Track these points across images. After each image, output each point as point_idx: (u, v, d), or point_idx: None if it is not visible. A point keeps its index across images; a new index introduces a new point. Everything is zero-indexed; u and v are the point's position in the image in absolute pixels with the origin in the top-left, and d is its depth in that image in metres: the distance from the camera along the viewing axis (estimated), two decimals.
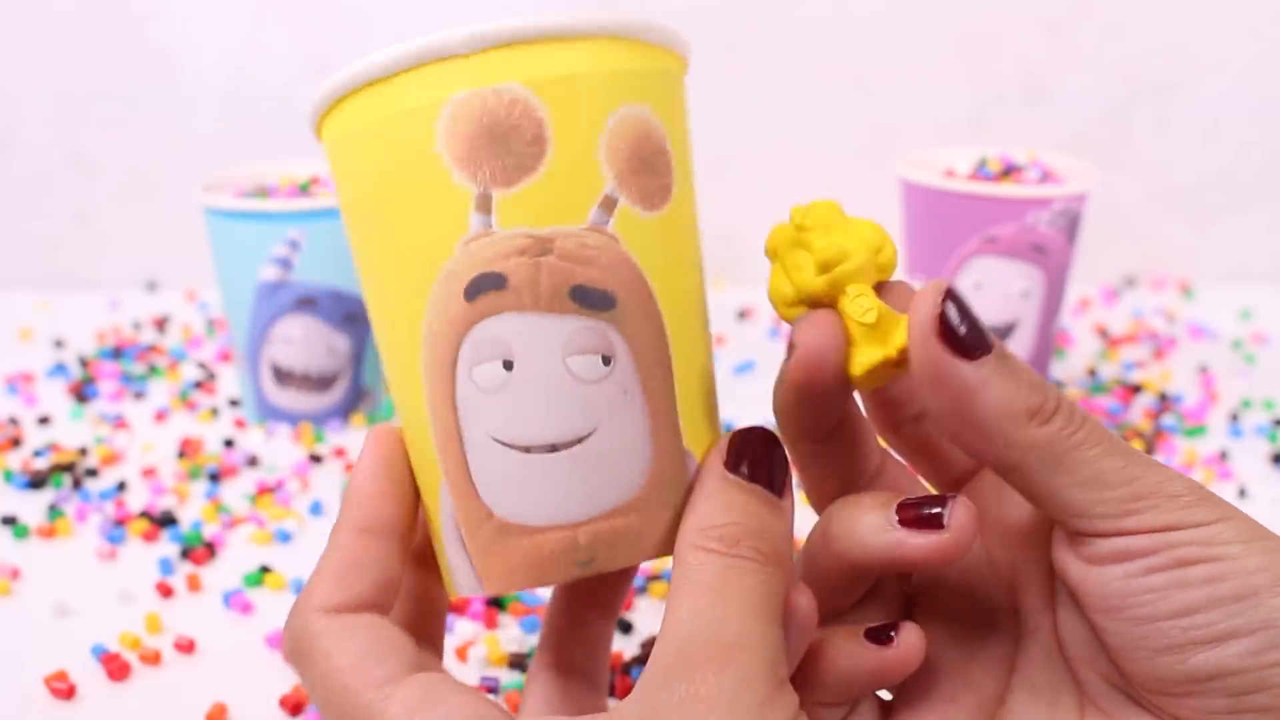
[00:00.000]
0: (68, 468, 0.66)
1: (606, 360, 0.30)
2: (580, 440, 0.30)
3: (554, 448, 0.30)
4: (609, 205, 0.30)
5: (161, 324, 0.90)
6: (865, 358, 0.31)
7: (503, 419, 0.30)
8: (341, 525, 0.32)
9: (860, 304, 0.31)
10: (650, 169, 0.31)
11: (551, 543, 0.31)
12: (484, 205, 0.29)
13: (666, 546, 0.31)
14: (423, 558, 0.35)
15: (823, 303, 0.32)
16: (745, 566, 0.29)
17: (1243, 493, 0.64)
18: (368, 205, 0.31)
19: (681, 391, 0.31)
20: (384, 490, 0.33)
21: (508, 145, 0.29)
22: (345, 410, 0.73)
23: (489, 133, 0.29)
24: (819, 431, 0.33)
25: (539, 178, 0.29)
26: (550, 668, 0.36)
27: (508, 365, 0.30)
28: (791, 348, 0.32)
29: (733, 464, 0.31)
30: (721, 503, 0.30)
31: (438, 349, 0.30)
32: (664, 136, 0.31)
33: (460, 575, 0.32)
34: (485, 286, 0.30)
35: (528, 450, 0.30)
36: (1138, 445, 0.69)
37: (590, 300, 0.30)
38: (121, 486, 0.64)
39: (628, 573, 0.37)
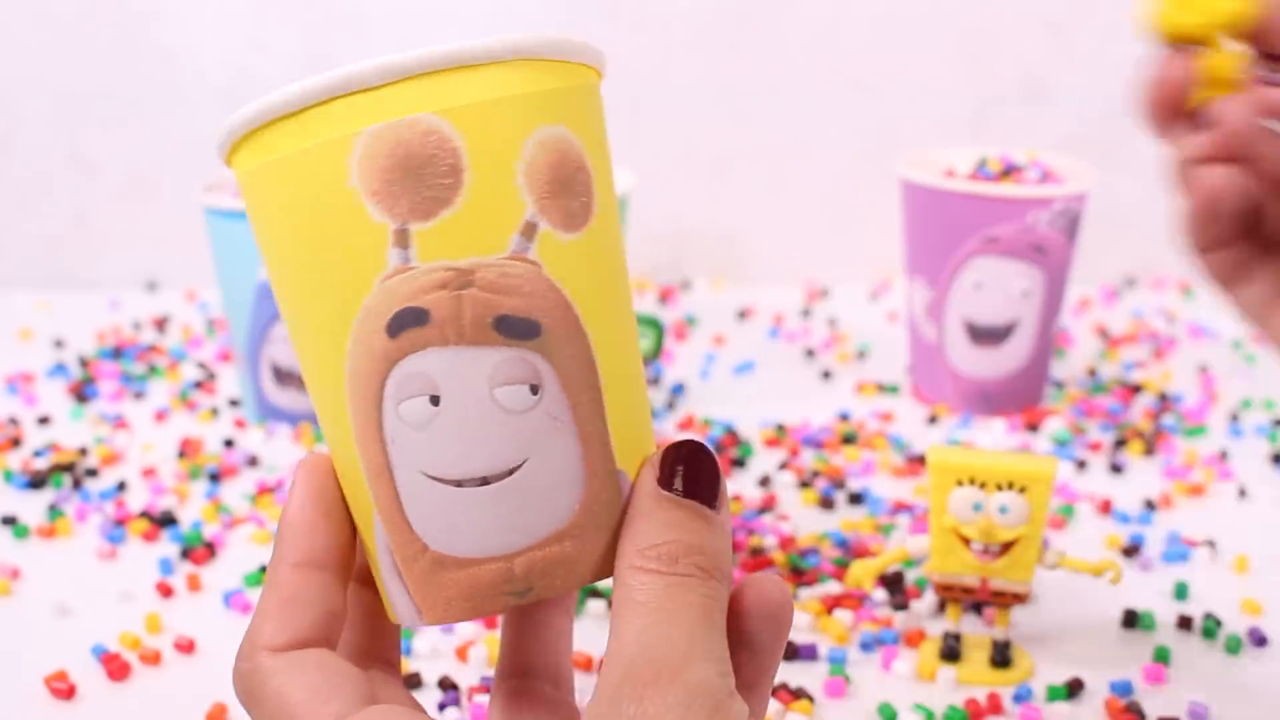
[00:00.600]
0: (68, 468, 0.66)
1: (534, 389, 0.30)
2: (511, 471, 0.30)
3: (485, 480, 0.30)
4: (530, 231, 0.29)
5: (161, 324, 0.90)
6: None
7: (432, 454, 0.30)
8: (277, 561, 0.32)
9: None
10: (570, 189, 0.30)
11: (487, 574, 0.30)
12: (402, 240, 0.29)
13: (604, 569, 0.31)
14: (367, 579, 0.35)
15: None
16: (687, 584, 0.29)
17: (1243, 493, 0.64)
18: (283, 240, 0.30)
19: (612, 411, 0.31)
20: (317, 522, 0.32)
21: (423, 178, 0.28)
22: None
23: (403, 166, 0.28)
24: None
25: (457, 209, 0.29)
26: (512, 674, 0.36)
27: (434, 400, 0.29)
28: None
29: (666, 480, 0.31)
30: (658, 521, 0.30)
31: (362, 386, 0.30)
32: (582, 153, 0.31)
33: (399, 605, 0.32)
34: (407, 322, 0.29)
35: (459, 484, 0.30)
36: (1138, 445, 0.69)
37: (515, 330, 0.29)
38: (121, 486, 0.64)
39: None
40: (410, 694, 0.34)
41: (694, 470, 0.31)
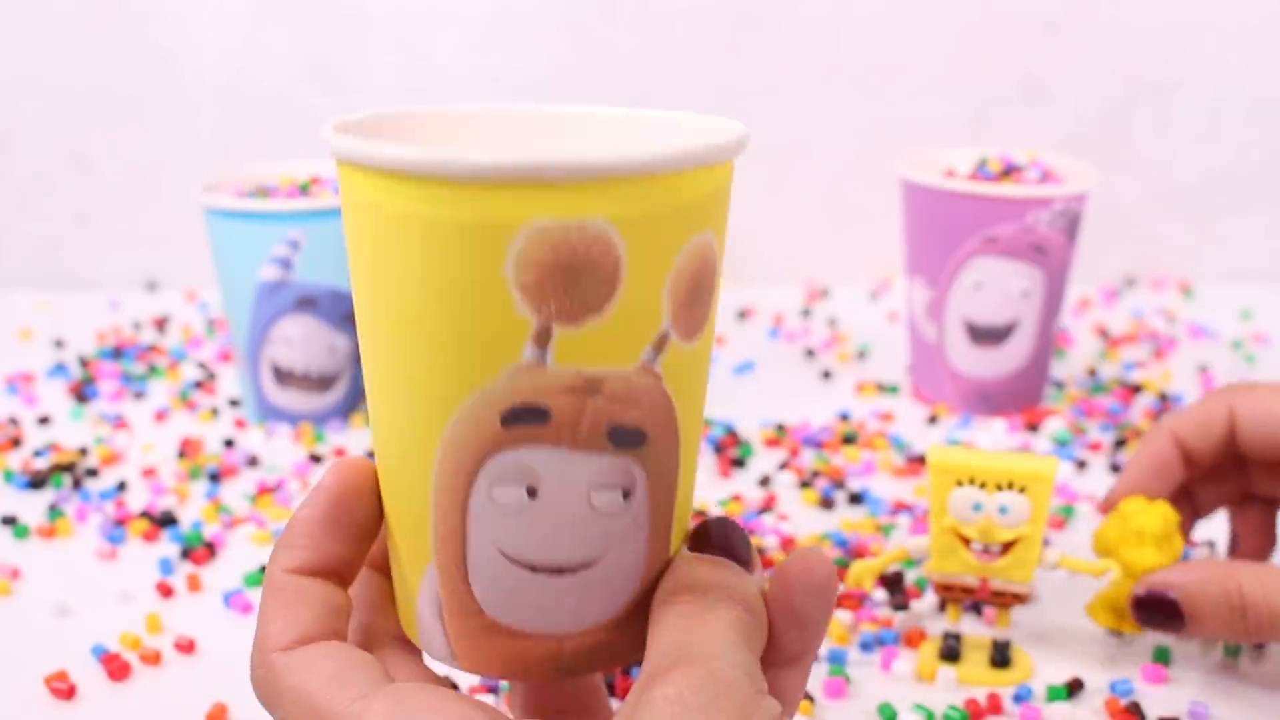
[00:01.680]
0: (68, 468, 0.66)
1: (627, 494, 0.30)
2: (586, 566, 0.31)
3: (560, 571, 0.30)
4: (661, 343, 0.29)
5: (161, 324, 0.90)
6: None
7: (515, 538, 0.30)
8: (275, 566, 0.32)
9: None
10: (700, 298, 0.30)
11: (536, 649, 0.31)
12: (542, 339, 0.28)
13: (641, 652, 0.32)
14: (380, 566, 0.35)
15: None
16: (718, 606, 0.30)
17: None
18: (405, 292, 0.29)
19: (678, 507, 0.32)
20: (321, 539, 0.32)
21: (580, 283, 0.27)
22: (345, 410, 0.73)
23: (564, 268, 0.27)
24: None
25: (603, 318, 0.28)
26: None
27: (531, 492, 0.29)
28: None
29: (698, 547, 0.32)
30: (689, 566, 0.31)
31: (457, 458, 0.29)
32: (716, 258, 0.30)
33: (433, 642, 0.32)
34: (526, 419, 0.29)
35: (533, 569, 0.30)
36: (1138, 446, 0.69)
37: (625, 440, 0.29)
38: (121, 486, 0.64)
39: None
40: (426, 666, 0.35)
41: (722, 537, 0.32)
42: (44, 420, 0.73)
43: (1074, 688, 0.48)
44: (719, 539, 0.32)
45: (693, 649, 0.29)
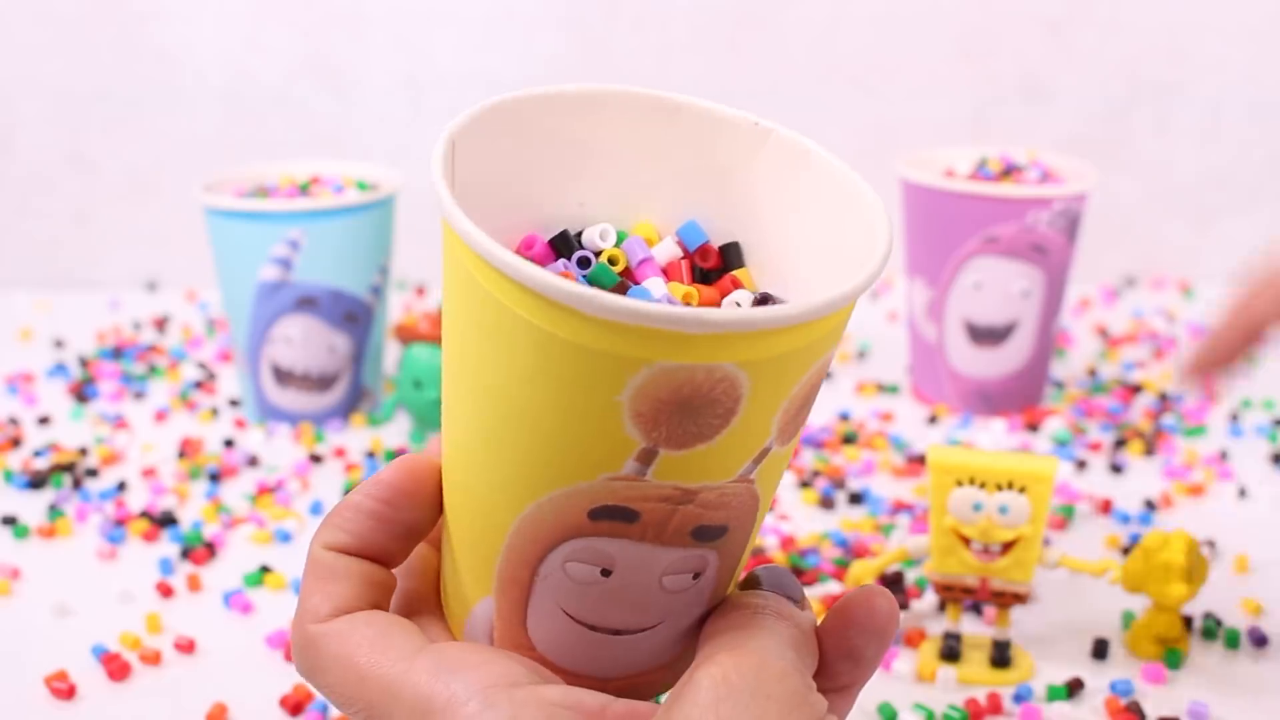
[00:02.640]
0: (68, 468, 0.66)
1: (697, 575, 0.30)
2: (645, 629, 0.31)
3: (619, 632, 0.31)
4: (762, 456, 0.29)
5: (161, 324, 0.90)
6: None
7: (581, 606, 0.30)
8: (316, 543, 0.32)
9: None
10: (805, 410, 0.30)
11: (581, 685, 0.31)
12: (646, 458, 0.28)
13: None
14: (435, 543, 0.35)
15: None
16: (767, 618, 0.30)
17: (1243, 493, 0.64)
18: (518, 384, 0.28)
19: (740, 568, 0.32)
20: (365, 531, 0.32)
21: (696, 418, 0.27)
22: (345, 410, 0.73)
23: (683, 404, 0.27)
24: None
25: (711, 445, 0.28)
26: None
27: (605, 573, 0.30)
28: None
29: (753, 588, 0.32)
30: (740, 597, 0.32)
31: (537, 532, 0.29)
32: (825, 370, 0.30)
33: None
34: (615, 516, 0.29)
35: (593, 628, 0.31)
36: (1138, 445, 0.69)
37: (706, 536, 0.30)
38: (121, 486, 0.64)
39: None
40: None
41: (776, 578, 0.32)
42: (44, 420, 0.73)
43: (1074, 688, 0.48)
44: (770, 582, 0.32)
45: (742, 642, 0.29)
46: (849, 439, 0.71)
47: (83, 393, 0.76)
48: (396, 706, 0.29)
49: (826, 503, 0.63)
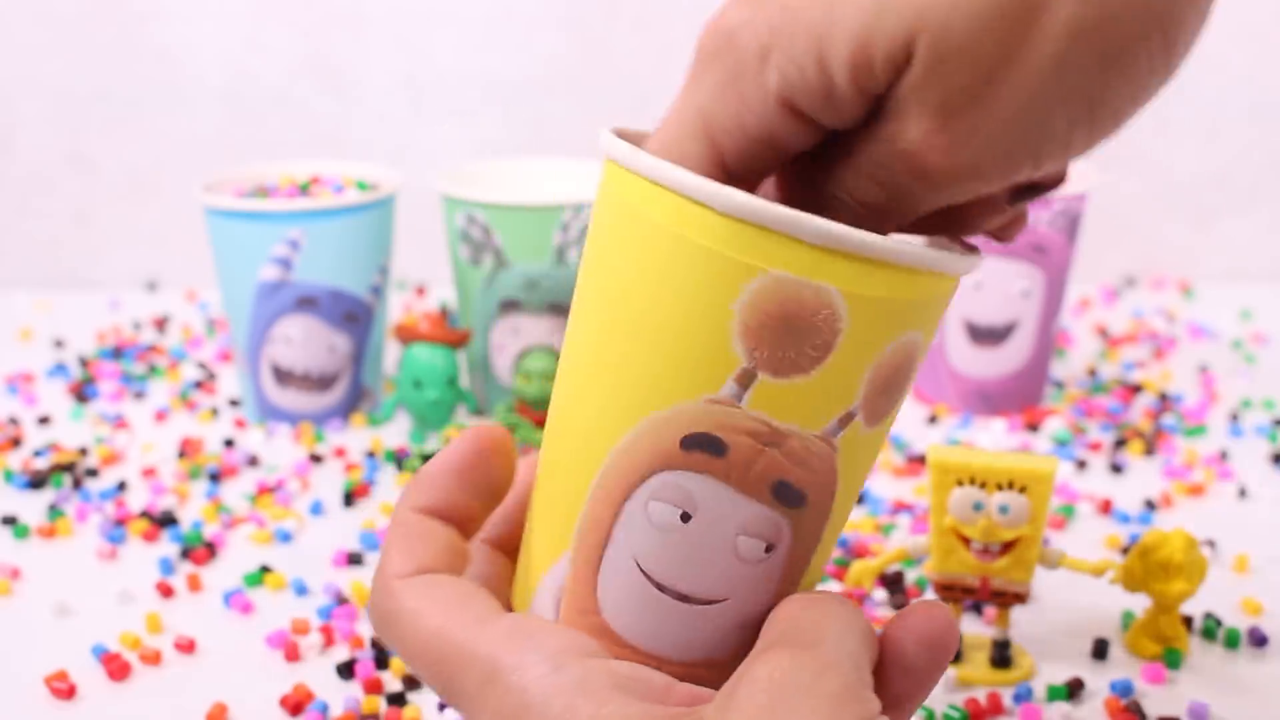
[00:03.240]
0: (68, 468, 0.66)
1: (770, 548, 0.31)
2: (711, 602, 0.31)
3: (686, 599, 0.31)
4: (847, 420, 0.30)
5: (161, 324, 0.90)
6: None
7: (654, 555, 0.31)
8: (402, 505, 0.34)
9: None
10: (894, 391, 0.31)
11: (638, 662, 0.32)
12: (745, 380, 0.29)
13: None
14: (503, 547, 0.36)
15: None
16: (832, 602, 0.31)
17: (1243, 493, 0.64)
18: (638, 296, 0.30)
19: (810, 572, 0.33)
20: (450, 486, 0.34)
21: (798, 342, 0.29)
22: (345, 410, 0.73)
23: (788, 322, 0.28)
24: None
25: (806, 380, 0.29)
26: None
27: (685, 517, 0.30)
28: None
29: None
30: (802, 593, 0.32)
31: (628, 465, 0.31)
32: (919, 356, 0.31)
33: None
34: (706, 447, 0.30)
35: (661, 588, 0.31)
36: (1138, 445, 0.69)
37: (785, 497, 0.30)
38: (121, 486, 0.64)
39: None
40: None
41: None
42: (44, 420, 0.73)
43: (1074, 688, 0.48)
44: None
45: (800, 632, 0.29)
46: None
47: (83, 393, 0.76)
48: (466, 666, 0.30)
49: None
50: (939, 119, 0.27)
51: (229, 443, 0.70)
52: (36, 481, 0.64)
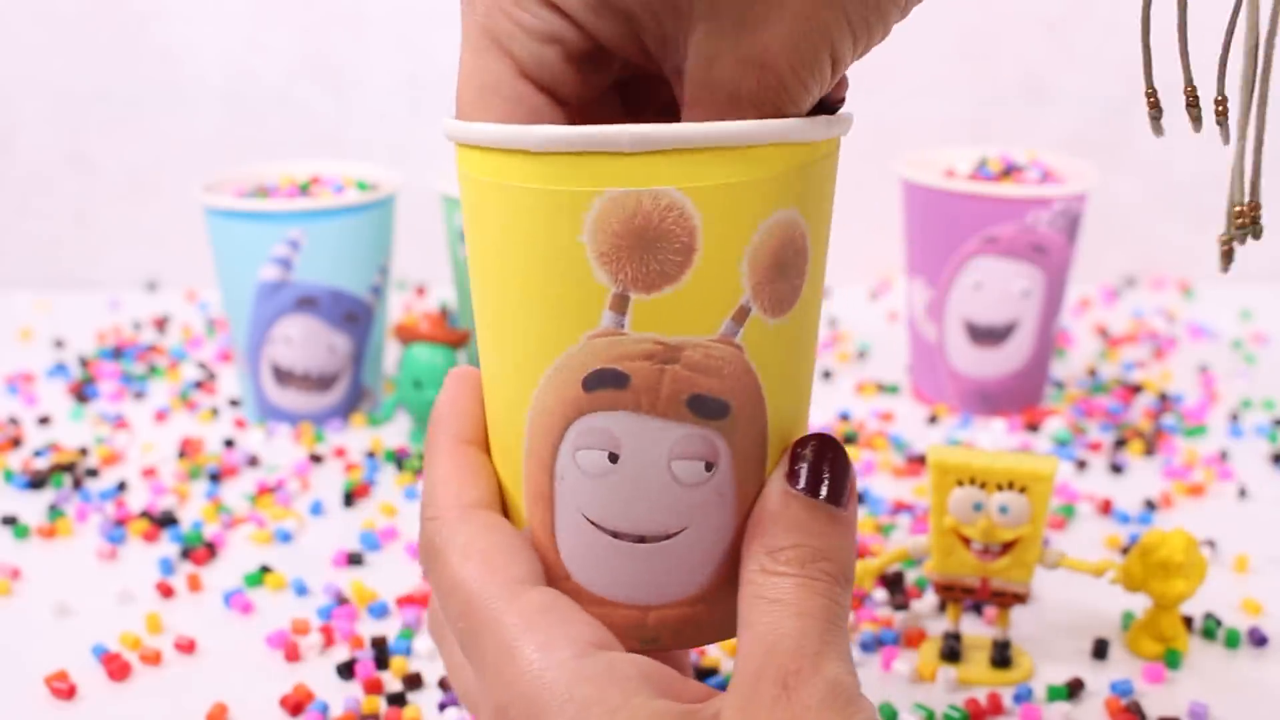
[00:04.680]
0: (68, 468, 0.66)
1: (709, 466, 0.30)
2: (668, 536, 0.31)
3: (642, 539, 0.31)
4: (741, 316, 0.29)
5: (161, 324, 0.90)
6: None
7: (598, 504, 0.31)
8: (438, 438, 0.33)
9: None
10: (785, 274, 0.30)
11: (620, 617, 0.32)
12: (619, 305, 0.29)
13: (728, 631, 0.32)
14: None
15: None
16: (815, 586, 0.30)
17: (1243, 493, 0.64)
18: (498, 258, 0.30)
19: (770, 475, 0.32)
20: (470, 408, 0.33)
21: (654, 251, 0.28)
22: (345, 410, 0.73)
23: (637, 235, 0.28)
24: None
25: (679, 287, 0.29)
26: None
27: (613, 458, 0.30)
28: None
29: (793, 476, 0.31)
30: (785, 522, 0.31)
31: (545, 423, 0.30)
32: (805, 235, 0.30)
33: None
34: (606, 383, 0.29)
35: (615, 535, 0.31)
36: (1138, 445, 0.69)
37: (706, 410, 0.30)
38: (122, 486, 0.64)
39: None
40: None
41: (822, 468, 0.31)
42: (44, 420, 0.73)
43: (1074, 688, 0.48)
44: (814, 472, 0.31)
45: (802, 647, 0.29)
46: (849, 439, 0.71)
47: (83, 393, 0.76)
48: (488, 630, 0.30)
49: None
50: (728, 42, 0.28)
51: (229, 443, 0.70)
52: (36, 481, 0.64)
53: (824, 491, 0.31)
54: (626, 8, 0.29)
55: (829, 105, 0.31)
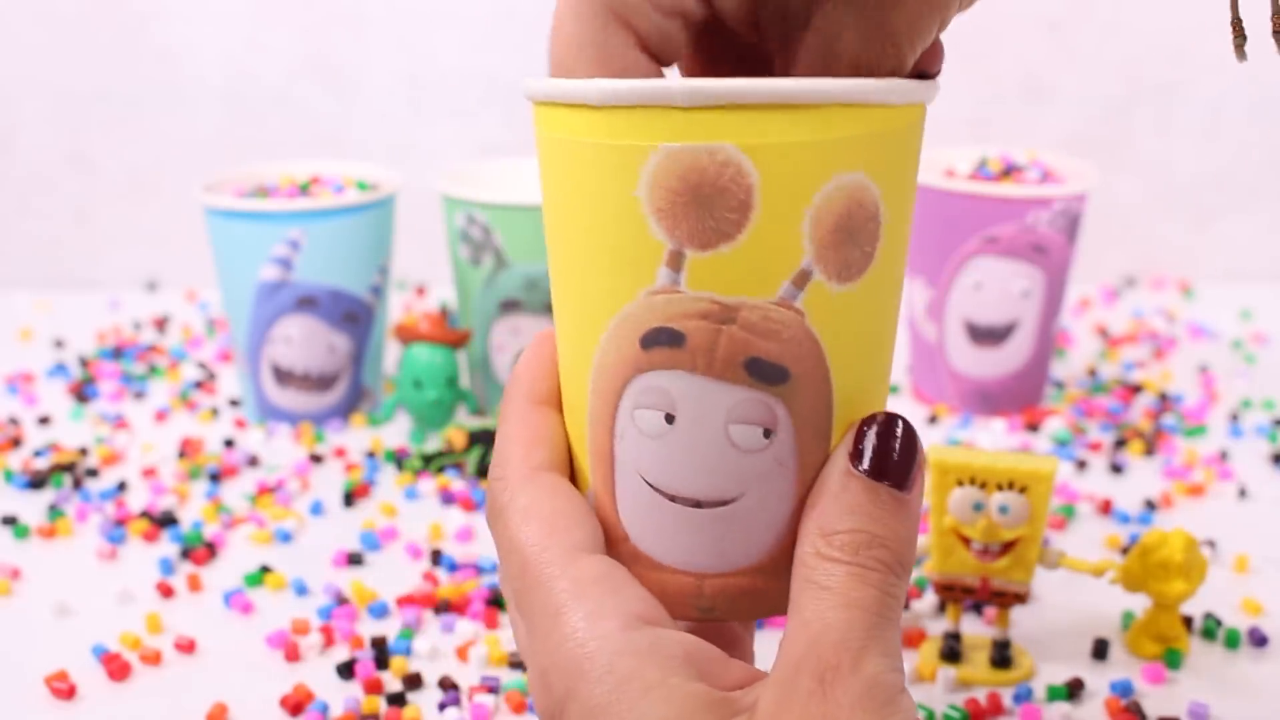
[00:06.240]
0: (68, 468, 0.66)
1: (768, 433, 0.30)
2: (725, 503, 0.30)
3: (698, 504, 0.30)
4: (802, 280, 0.29)
5: (161, 324, 0.90)
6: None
7: (655, 464, 0.30)
8: (513, 399, 0.34)
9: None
10: (854, 240, 0.29)
11: (676, 584, 0.31)
12: (675, 262, 0.29)
13: (787, 605, 0.31)
14: None
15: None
16: (868, 576, 0.29)
17: (1243, 493, 0.64)
18: (564, 214, 0.30)
19: (835, 449, 0.31)
20: (550, 371, 0.34)
21: (711, 208, 0.28)
22: (345, 410, 0.73)
23: (694, 191, 0.28)
24: None
25: (736, 245, 0.28)
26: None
27: (669, 418, 0.30)
28: None
29: (857, 456, 0.30)
30: (844, 504, 0.30)
31: (605, 381, 0.30)
32: (878, 202, 0.29)
33: None
34: (662, 341, 0.29)
35: (673, 499, 0.31)
36: (1138, 445, 0.69)
37: (763, 374, 0.29)
38: (122, 486, 0.64)
39: None
40: None
41: (887, 448, 0.30)
42: (44, 420, 0.73)
43: (1074, 688, 0.48)
44: (880, 454, 0.30)
45: (845, 639, 0.29)
46: None
47: (83, 393, 0.76)
48: (540, 591, 0.30)
49: None
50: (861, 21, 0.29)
51: (229, 443, 0.69)
52: (36, 481, 0.64)
53: (888, 474, 0.30)
54: None
55: (928, 75, 0.31)
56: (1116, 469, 0.67)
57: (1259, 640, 0.51)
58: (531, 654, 0.31)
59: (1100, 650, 0.50)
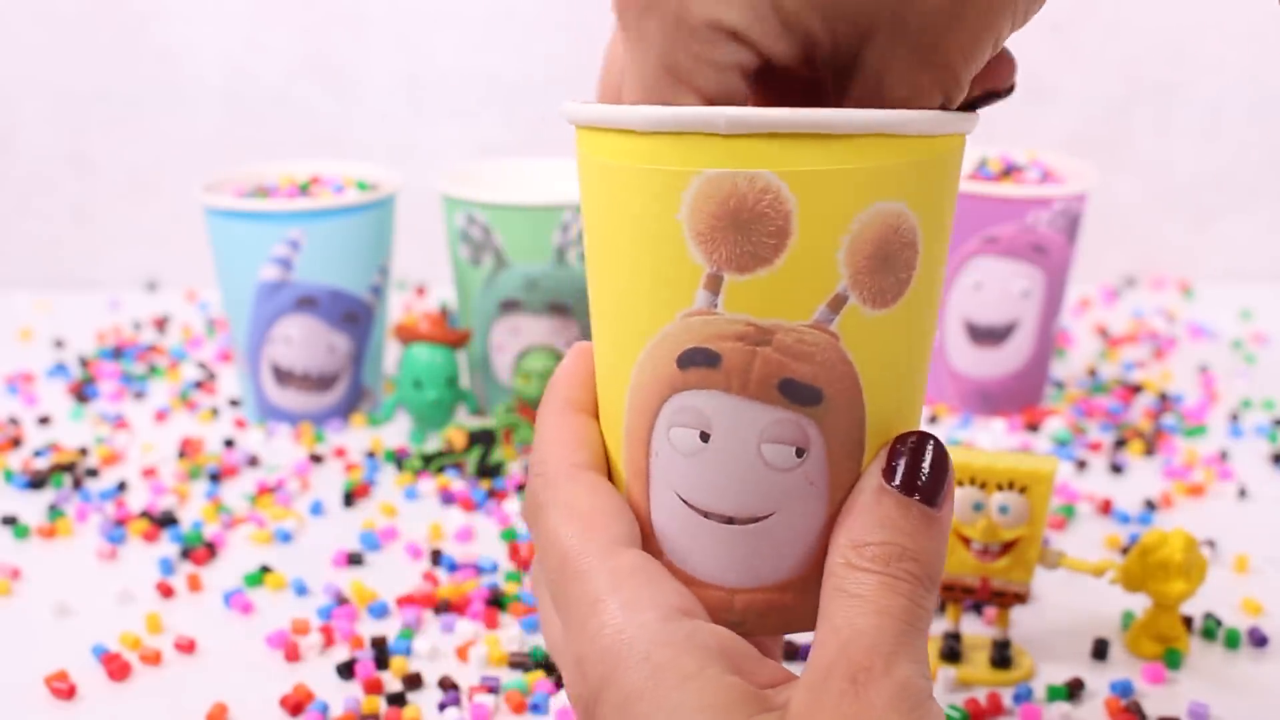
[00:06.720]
0: (68, 468, 0.66)
1: (800, 452, 0.30)
2: (757, 520, 0.31)
3: (731, 520, 0.31)
4: (838, 304, 0.30)
5: (161, 324, 0.90)
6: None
7: (689, 482, 0.31)
8: (552, 403, 0.34)
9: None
10: (889, 266, 0.30)
11: (708, 598, 0.32)
12: (713, 285, 0.29)
13: (816, 621, 0.32)
14: None
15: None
16: (898, 586, 0.30)
17: (1243, 493, 0.64)
18: (605, 236, 0.31)
19: (867, 469, 0.32)
20: (588, 381, 0.34)
21: (748, 233, 0.29)
22: (345, 410, 0.73)
23: (733, 216, 0.29)
24: None
25: (773, 269, 0.29)
26: None
27: (704, 437, 0.31)
28: None
29: (889, 473, 0.31)
30: (875, 518, 0.31)
31: (642, 399, 0.31)
32: (915, 230, 0.30)
33: None
34: (698, 361, 0.30)
35: (706, 515, 0.31)
36: (1138, 445, 0.69)
37: (797, 395, 0.30)
38: (122, 486, 0.64)
39: None
40: None
41: (918, 464, 0.31)
42: (44, 420, 0.73)
43: (1074, 688, 0.48)
44: (911, 470, 0.31)
45: (876, 645, 0.29)
46: None
47: (83, 393, 0.76)
48: (578, 584, 0.31)
49: None
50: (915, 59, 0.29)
51: (229, 443, 0.70)
52: (36, 481, 0.64)
53: (919, 490, 0.31)
54: (808, 30, 0.29)
55: (999, 92, 0.32)
56: (1116, 469, 0.67)
57: (1259, 640, 0.51)
58: (567, 644, 0.31)
59: (1100, 650, 0.50)
